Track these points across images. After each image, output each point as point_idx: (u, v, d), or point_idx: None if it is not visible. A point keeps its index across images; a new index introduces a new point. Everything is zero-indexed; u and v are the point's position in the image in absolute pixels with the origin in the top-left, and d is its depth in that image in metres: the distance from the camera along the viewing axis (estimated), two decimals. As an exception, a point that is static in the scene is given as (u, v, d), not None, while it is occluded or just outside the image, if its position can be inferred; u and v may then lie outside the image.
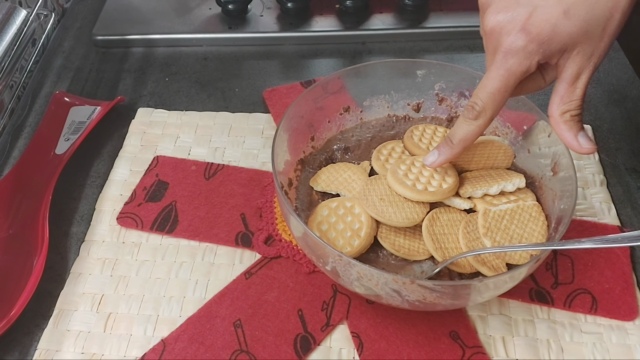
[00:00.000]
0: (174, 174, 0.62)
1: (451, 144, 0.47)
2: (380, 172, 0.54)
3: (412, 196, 0.50)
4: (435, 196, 0.50)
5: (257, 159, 0.63)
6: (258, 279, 0.53)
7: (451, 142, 0.47)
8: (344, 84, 0.58)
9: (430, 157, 0.49)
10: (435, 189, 0.50)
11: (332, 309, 0.51)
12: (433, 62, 0.58)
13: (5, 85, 0.64)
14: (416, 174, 0.51)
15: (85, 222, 0.58)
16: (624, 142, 0.65)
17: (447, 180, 0.51)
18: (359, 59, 0.76)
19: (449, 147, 0.47)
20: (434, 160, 0.49)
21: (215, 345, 0.49)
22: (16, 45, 0.62)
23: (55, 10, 0.84)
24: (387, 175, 0.52)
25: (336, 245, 0.49)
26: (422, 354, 0.48)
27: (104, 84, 0.73)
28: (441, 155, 0.48)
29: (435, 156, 0.49)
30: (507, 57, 0.42)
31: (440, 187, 0.50)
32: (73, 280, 0.54)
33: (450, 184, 0.51)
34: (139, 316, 0.51)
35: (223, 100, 0.71)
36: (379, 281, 0.43)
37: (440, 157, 0.48)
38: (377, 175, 0.54)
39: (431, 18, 0.80)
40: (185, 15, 0.81)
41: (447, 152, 0.48)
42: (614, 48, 0.74)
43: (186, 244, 0.56)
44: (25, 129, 0.68)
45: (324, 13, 0.80)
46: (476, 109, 0.44)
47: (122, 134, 0.66)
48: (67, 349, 0.49)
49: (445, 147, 0.48)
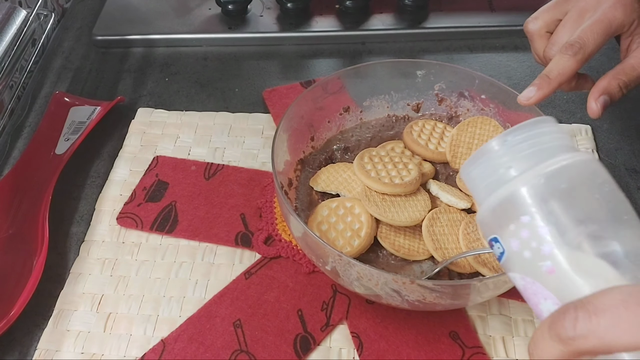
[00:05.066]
0: (174, 174, 0.62)
1: (548, 79, 0.47)
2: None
3: (379, 188, 0.51)
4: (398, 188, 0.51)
5: (257, 159, 0.63)
6: (258, 279, 0.53)
7: (548, 78, 0.47)
8: (343, 84, 0.58)
9: (527, 92, 0.48)
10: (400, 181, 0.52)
11: (332, 309, 0.51)
12: (433, 62, 0.58)
13: (5, 86, 0.64)
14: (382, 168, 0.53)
15: (85, 222, 0.58)
16: (624, 142, 0.65)
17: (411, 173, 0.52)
18: (359, 59, 0.76)
19: (546, 82, 0.47)
20: (531, 96, 0.48)
21: (215, 345, 0.49)
22: (16, 45, 0.62)
23: (55, 10, 0.84)
24: (354, 167, 0.53)
25: (336, 245, 0.49)
26: (422, 354, 0.48)
27: (104, 84, 0.73)
28: (539, 90, 0.48)
29: (532, 92, 0.48)
30: (617, 6, 0.47)
31: (402, 180, 0.52)
32: (73, 280, 0.54)
33: (413, 176, 0.52)
34: (138, 316, 0.51)
35: (223, 100, 0.71)
36: (379, 281, 0.43)
37: (538, 92, 0.48)
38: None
39: (431, 18, 0.80)
40: (185, 16, 0.81)
41: (545, 87, 0.47)
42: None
43: (186, 244, 0.56)
44: (25, 129, 0.68)
45: (324, 13, 0.80)
46: (576, 46, 0.46)
47: (122, 134, 0.66)
48: (67, 349, 0.49)
49: (542, 82, 0.48)
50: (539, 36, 0.52)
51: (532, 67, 0.74)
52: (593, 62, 0.51)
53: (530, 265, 0.32)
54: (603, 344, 0.26)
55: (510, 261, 0.33)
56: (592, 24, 0.47)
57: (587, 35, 0.47)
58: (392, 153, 0.55)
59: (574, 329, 0.26)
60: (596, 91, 0.47)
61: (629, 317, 0.25)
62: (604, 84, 0.47)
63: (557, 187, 0.32)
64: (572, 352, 0.27)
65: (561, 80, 0.47)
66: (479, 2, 0.81)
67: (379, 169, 0.52)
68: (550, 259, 0.31)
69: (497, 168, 0.34)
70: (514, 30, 0.77)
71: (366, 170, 0.52)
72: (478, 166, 0.35)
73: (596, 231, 0.31)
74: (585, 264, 0.30)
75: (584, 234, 0.31)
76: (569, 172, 0.32)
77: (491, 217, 0.34)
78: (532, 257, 0.32)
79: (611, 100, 0.47)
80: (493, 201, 0.34)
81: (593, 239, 0.31)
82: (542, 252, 0.31)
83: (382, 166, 0.53)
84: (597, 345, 0.26)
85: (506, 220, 0.33)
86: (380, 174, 0.52)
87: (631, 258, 0.30)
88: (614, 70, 0.48)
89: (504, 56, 0.76)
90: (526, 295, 0.33)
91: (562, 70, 0.47)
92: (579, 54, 0.46)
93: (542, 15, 0.52)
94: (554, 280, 0.31)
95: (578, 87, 0.51)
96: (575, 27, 0.48)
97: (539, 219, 0.31)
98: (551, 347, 0.27)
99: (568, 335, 0.27)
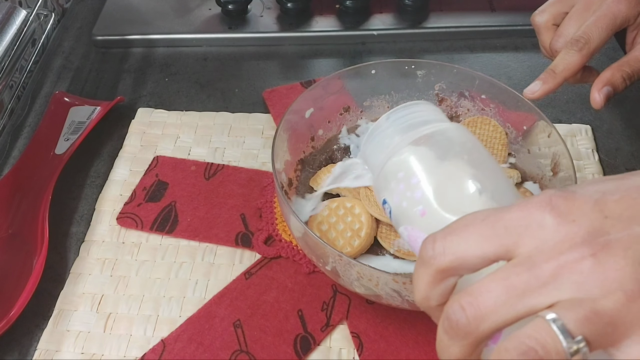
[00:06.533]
0: (174, 174, 0.62)
1: (553, 74, 0.48)
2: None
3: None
4: None
5: (257, 159, 0.63)
6: (258, 279, 0.53)
7: (553, 72, 0.48)
8: (344, 84, 0.58)
9: (533, 86, 0.49)
10: None
11: (332, 309, 0.51)
12: (433, 63, 0.58)
13: (5, 85, 0.64)
14: None
15: (85, 222, 0.58)
16: (624, 142, 0.65)
17: None
18: (359, 59, 0.76)
19: (552, 76, 0.48)
20: (536, 90, 0.49)
21: (214, 346, 0.49)
22: (16, 45, 0.62)
23: (55, 10, 0.84)
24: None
25: (336, 246, 0.49)
26: (422, 354, 0.48)
27: (104, 84, 0.73)
28: (545, 85, 0.49)
29: (537, 86, 0.49)
30: (621, 1, 0.47)
31: None
32: (73, 280, 0.53)
33: None
34: (138, 316, 0.51)
35: (223, 100, 0.71)
36: (379, 281, 0.43)
37: (543, 87, 0.49)
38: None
39: (431, 18, 0.80)
40: (185, 16, 0.81)
41: (550, 81, 0.48)
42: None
43: (186, 244, 0.56)
44: (25, 129, 0.68)
45: (324, 13, 0.80)
46: (581, 41, 0.47)
47: (122, 134, 0.66)
48: (67, 349, 0.49)
49: (548, 77, 0.48)
50: (545, 29, 0.52)
51: (532, 68, 0.73)
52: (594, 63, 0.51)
53: (407, 212, 0.38)
54: (456, 257, 0.28)
55: (396, 216, 0.40)
56: (597, 19, 0.47)
57: (592, 30, 0.47)
58: None
59: (433, 249, 0.29)
60: (599, 82, 0.48)
61: (475, 231, 0.28)
62: (608, 76, 0.48)
63: (422, 147, 0.39)
64: (435, 272, 0.29)
65: (566, 75, 0.48)
66: (479, 2, 0.81)
67: None
68: (421, 202, 0.38)
69: (382, 140, 0.42)
70: (514, 31, 0.77)
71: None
72: (370, 143, 0.43)
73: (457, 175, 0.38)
74: (448, 203, 0.37)
75: (445, 175, 0.38)
76: (433, 136, 0.40)
77: (380, 181, 0.41)
78: (408, 205, 0.38)
79: (614, 92, 0.48)
80: (380, 166, 0.41)
81: (455, 180, 0.37)
82: (415, 198, 0.38)
83: None
84: (453, 260, 0.28)
85: (389, 180, 0.40)
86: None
87: (489, 195, 0.36)
88: (618, 62, 0.48)
89: (504, 56, 0.76)
90: (411, 245, 0.39)
91: (568, 66, 0.48)
92: (584, 49, 0.47)
93: (549, 8, 0.52)
94: (426, 221, 0.37)
95: (583, 80, 0.51)
96: (582, 19, 0.48)
97: (409, 172, 0.39)
98: (420, 272, 0.30)
99: (428, 255, 0.29)
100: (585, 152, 0.63)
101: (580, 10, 0.49)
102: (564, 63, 0.48)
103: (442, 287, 0.29)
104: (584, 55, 0.47)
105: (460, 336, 0.27)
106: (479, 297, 0.27)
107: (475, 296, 0.27)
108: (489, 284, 0.27)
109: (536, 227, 0.27)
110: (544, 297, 0.26)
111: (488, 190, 0.37)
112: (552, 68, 0.49)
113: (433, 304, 0.30)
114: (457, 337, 0.28)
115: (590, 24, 0.48)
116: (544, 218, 0.27)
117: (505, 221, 0.28)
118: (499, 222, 0.28)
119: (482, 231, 0.28)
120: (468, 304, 0.27)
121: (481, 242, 0.28)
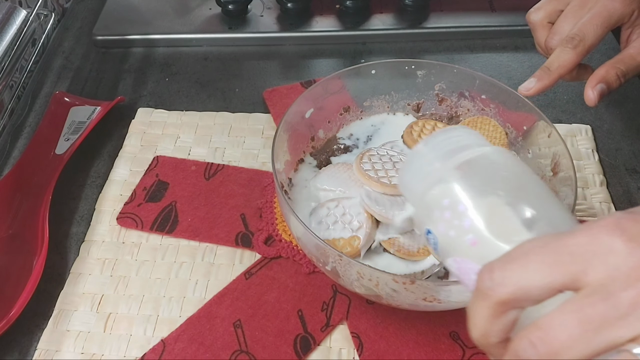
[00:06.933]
0: (174, 174, 0.62)
1: (549, 72, 0.48)
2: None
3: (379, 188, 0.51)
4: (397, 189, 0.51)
5: (257, 159, 0.63)
6: (258, 279, 0.53)
7: (548, 70, 0.48)
8: (344, 84, 0.58)
9: (528, 83, 0.49)
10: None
11: (332, 310, 0.51)
12: (433, 63, 0.58)
13: (5, 85, 0.64)
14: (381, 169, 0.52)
15: (85, 222, 0.58)
16: (624, 142, 0.65)
17: None
18: (359, 59, 0.76)
19: (547, 74, 0.48)
20: (530, 87, 0.49)
21: (215, 346, 0.49)
22: (16, 45, 0.62)
23: (55, 10, 0.84)
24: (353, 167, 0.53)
25: (336, 246, 0.49)
26: (422, 354, 0.48)
27: (104, 84, 0.73)
28: (539, 82, 0.48)
29: (532, 83, 0.49)
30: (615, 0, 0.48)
31: None
32: (73, 280, 0.53)
33: None
34: (138, 316, 0.51)
35: (223, 100, 0.71)
36: (379, 281, 0.43)
37: (538, 84, 0.49)
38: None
39: (431, 18, 0.80)
40: (185, 16, 0.81)
41: (545, 79, 0.48)
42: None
43: (186, 244, 0.56)
44: (25, 129, 0.68)
45: (324, 13, 0.80)
46: (576, 39, 0.47)
47: (122, 134, 0.66)
48: (67, 349, 0.49)
49: (543, 74, 0.48)
50: (541, 26, 0.52)
51: (532, 67, 0.73)
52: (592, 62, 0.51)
53: (456, 242, 0.35)
54: (518, 288, 0.26)
55: (442, 246, 0.37)
56: (592, 17, 0.47)
57: (587, 28, 0.47)
58: (392, 152, 0.55)
59: (491, 280, 0.27)
60: (594, 79, 0.47)
61: (537, 259, 0.26)
62: (602, 73, 0.47)
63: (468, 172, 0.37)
64: (495, 304, 0.27)
65: (561, 72, 0.48)
66: (479, 2, 0.81)
67: (377, 169, 0.52)
68: (471, 231, 0.34)
69: (421, 167, 0.39)
70: (514, 31, 0.77)
71: (365, 170, 0.52)
72: (408, 170, 0.40)
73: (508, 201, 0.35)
74: (501, 230, 0.34)
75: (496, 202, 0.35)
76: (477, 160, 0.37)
77: (422, 210, 0.38)
78: (457, 234, 0.35)
79: (609, 89, 0.47)
80: (421, 195, 0.38)
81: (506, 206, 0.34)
82: (464, 227, 0.35)
83: (381, 166, 0.53)
84: (514, 291, 0.26)
85: (432, 209, 0.37)
86: (379, 174, 0.52)
87: (546, 221, 0.33)
88: (612, 59, 0.48)
89: (505, 56, 0.76)
90: (461, 278, 0.36)
91: (563, 63, 0.48)
92: (579, 47, 0.47)
93: (545, 6, 0.52)
94: (478, 251, 0.34)
95: (579, 77, 0.51)
96: (577, 17, 0.48)
97: (455, 199, 0.36)
98: (477, 306, 0.28)
99: (486, 286, 0.27)
100: (586, 152, 0.63)
101: (576, 8, 0.49)
102: (559, 60, 0.48)
103: (503, 322, 0.27)
104: (579, 53, 0.47)
105: None
106: (550, 332, 0.25)
107: (546, 331, 0.25)
108: (560, 316, 0.25)
109: (606, 252, 0.25)
110: (625, 329, 0.24)
111: (544, 216, 0.34)
112: (547, 65, 0.49)
113: (493, 341, 0.28)
114: None
115: (585, 21, 0.48)
116: (614, 242, 0.25)
117: (570, 247, 0.26)
118: (563, 248, 0.26)
119: (545, 258, 0.26)
120: (539, 339, 0.25)
121: (545, 270, 0.26)
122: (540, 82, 0.48)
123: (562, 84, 0.70)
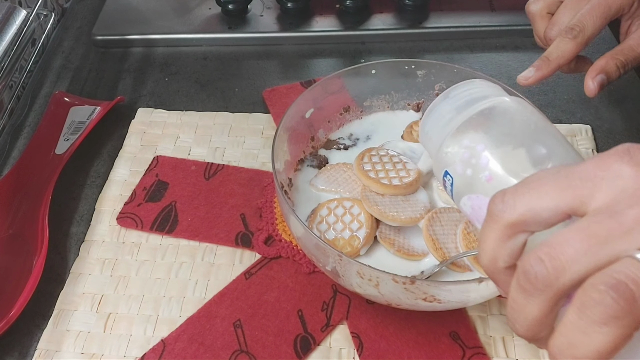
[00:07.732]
0: (174, 174, 0.61)
1: (548, 61, 0.48)
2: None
3: (378, 189, 0.51)
4: (397, 190, 0.51)
5: (257, 159, 0.63)
6: (258, 279, 0.53)
7: (548, 59, 0.48)
8: (344, 83, 0.58)
9: (526, 73, 0.49)
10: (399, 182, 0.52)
11: (332, 309, 0.51)
12: (433, 62, 0.58)
13: (5, 85, 0.64)
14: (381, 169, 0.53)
15: (85, 222, 0.58)
16: (624, 142, 0.65)
17: (410, 174, 0.52)
18: (358, 58, 0.76)
19: (546, 63, 0.48)
20: (529, 76, 0.49)
21: (215, 346, 0.49)
22: (16, 45, 0.62)
23: (55, 10, 0.84)
24: (353, 167, 0.53)
25: (336, 245, 0.49)
26: (422, 354, 0.48)
27: (104, 84, 0.73)
28: (538, 71, 0.49)
29: (531, 73, 0.49)
30: None
31: (402, 181, 0.51)
32: (73, 281, 0.53)
33: (412, 177, 0.52)
34: (138, 316, 0.51)
35: (223, 100, 0.71)
36: (379, 281, 0.43)
37: (536, 74, 0.49)
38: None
39: (431, 18, 0.80)
40: (185, 15, 0.81)
41: (544, 68, 0.48)
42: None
43: (186, 244, 0.56)
44: (25, 129, 0.68)
45: (324, 13, 0.80)
46: (576, 29, 0.47)
47: (122, 134, 0.66)
48: (67, 349, 0.49)
49: (542, 64, 0.48)
50: (540, 17, 0.53)
51: (532, 67, 0.73)
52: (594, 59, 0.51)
53: (472, 180, 0.38)
54: (528, 209, 0.27)
55: (457, 187, 0.39)
56: (591, 7, 0.47)
57: (587, 18, 0.47)
58: (392, 152, 0.55)
59: (502, 202, 0.28)
60: (593, 70, 0.48)
61: (548, 183, 0.27)
62: (602, 64, 0.48)
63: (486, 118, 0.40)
64: (504, 227, 0.28)
65: (560, 62, 0.48)
66: (479, 2, 0.81)
67: (378, 169, 0.52)
68: (487, 168, 0.37)
69: (443, 115, 0.42)
70: (514, 30, 0.77)
71: (365, 170, 0.52)
72: (429, 118, 0.43)
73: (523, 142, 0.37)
74: (515, 168, 0.36)
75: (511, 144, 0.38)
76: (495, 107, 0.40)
77: (441, 154, 0.41)
78: (473, 172, 0.38)
79: (608, 80, 0.48)
80: (442, 139, 0.41)
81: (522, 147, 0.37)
82: (481, 165, 0.38)
83: (381, 166, 0.53)
84: (524, 213, 0.27)
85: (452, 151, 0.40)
86: (379, 175, 0.52)
87: (558, 160, 0.36)
88: (612, 50, 0.48)
89: (505, 56, 0.76)
90: (474, 215, 0.38)
91: (562, 53, 0.48)
92: (578, 37, 0.47)
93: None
94: (492, 186, 0.37)
95: (577, 69, 0.51)
96: (576, 8, 0.48)
97: (475, 139, 0.39)
98: (488, 230, 0.28)
99: (497, 209, 0.28)
100: (585, 152, 0.63)
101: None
102: (558, 50, 0.48)
103: (511, 245, 0.28)
104: (579, 44, 0.47)
105: (539, 291, 0.26)
106: (557, 247, 0.25)
107: (554, 247, 0.25)
108: (567, 234, 0.25)
109: (614, 177, 0.26)
110: (630, 242, 0.24)
111: (556, 156, 0.36)
112: (547, 55, 0.49)
113: (501, 266, 0.29)
114: (536, 293, 0.26)
115: (584, 12, 0.48)
116: (622, 168, 0.26)
117: (580, 173, 0.27)
118: (573, 174, 0.27)
119: (556, 183, 0.27)
120: (546, 255, 0.26)
121: (554, 194, 0.27)
122: (539, 71, 0.49)
123: (563, 84, 0.70)
